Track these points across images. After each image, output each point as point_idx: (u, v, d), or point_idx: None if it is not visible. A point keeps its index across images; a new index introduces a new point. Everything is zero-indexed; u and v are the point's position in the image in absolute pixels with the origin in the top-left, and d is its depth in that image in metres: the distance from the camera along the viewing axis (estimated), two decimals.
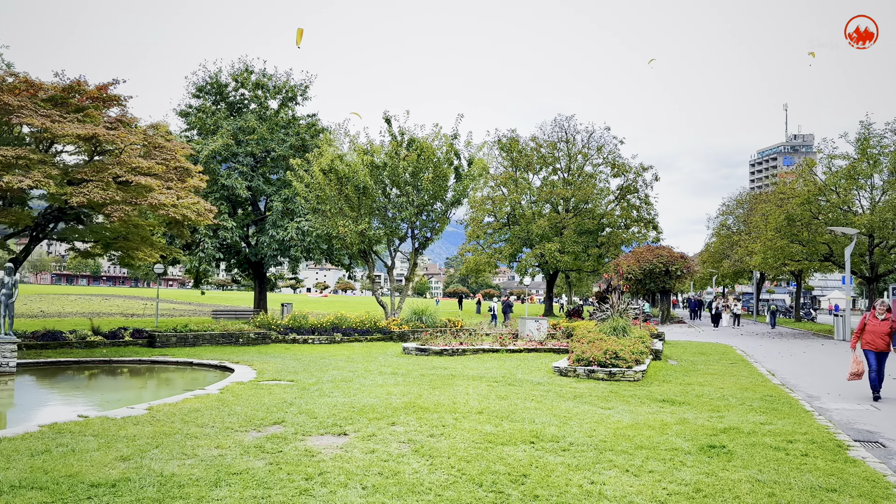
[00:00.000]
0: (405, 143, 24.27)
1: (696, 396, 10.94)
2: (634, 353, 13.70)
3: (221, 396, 9.81)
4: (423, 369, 13.54)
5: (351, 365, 14.18)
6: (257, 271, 32.18)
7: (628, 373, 12.48)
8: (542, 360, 15.68)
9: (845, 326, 26.65)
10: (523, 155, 56.07)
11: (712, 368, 15.39)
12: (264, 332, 19.16)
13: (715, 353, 19.71)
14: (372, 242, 24.20)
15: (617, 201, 55.97)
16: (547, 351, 17.71)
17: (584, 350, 13.36)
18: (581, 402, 10.06)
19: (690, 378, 13.31)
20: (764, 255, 30.01)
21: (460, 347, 16.48)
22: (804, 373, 15.53)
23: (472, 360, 15.37)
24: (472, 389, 10.83)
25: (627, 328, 16.24)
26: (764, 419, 9.15)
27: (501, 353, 16.87)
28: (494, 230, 57.23)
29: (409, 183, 23.98)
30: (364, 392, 10.41)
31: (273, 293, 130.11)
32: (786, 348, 23.00)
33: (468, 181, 24.29)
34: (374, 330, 21.34)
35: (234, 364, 14.39)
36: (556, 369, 13.01)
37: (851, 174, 28.60)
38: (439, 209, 25.14)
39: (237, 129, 30.35)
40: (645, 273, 41.49)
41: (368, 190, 22.93)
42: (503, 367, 14.05)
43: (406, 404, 9.29)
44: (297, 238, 28.29)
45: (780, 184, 32.44)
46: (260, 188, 30.50)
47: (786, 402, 10.68)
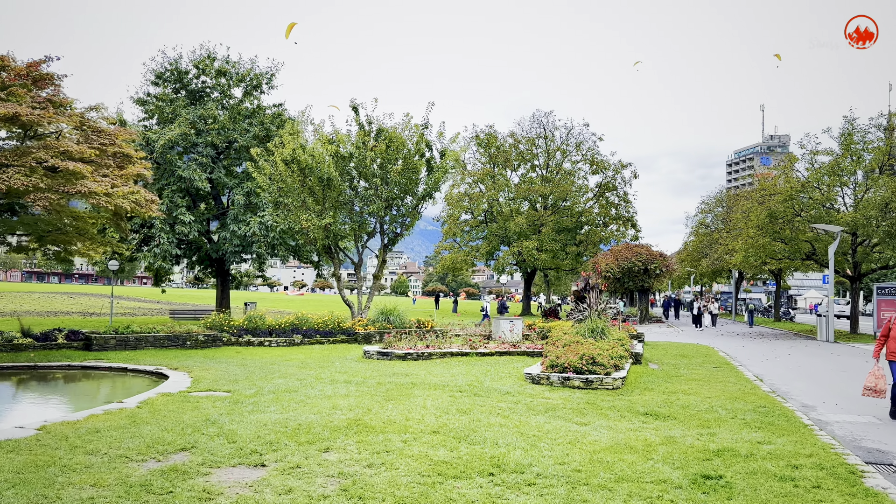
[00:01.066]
0: (373, 132, 22.90)
1: (682, 408, 9.77)
2: (613, 357, 12.53)
3: (136, 413, 8.40)
4: (381, 376, 12.22)
5: (302, 371, 12.81)
6: (219, 269, 30.57)
7: (607, 380, 11.29)
8: (514, 365, 14.45)
9: (828, 327, 25.85)
10: (501, 151, 54.97)
11: (696, 373, 14.29)
12: (215, 335, 17.67)
13: (697, 356, 18.66)
14: (337, 238, 22.78)
15: (595, 199, 55.09)
16: (520, 354, 16.49)
17: (559, 355, 12.14)
18: (554, 416, 8.82)
19: (674, 385, 12.17)
20: (745, 254, 29.14)
21: (426, 351, 15.18)
22: (793, 378, 14.49)
23: (437, 366, 14.08)
24: (432, 401, 9.53)
25: (606, 329, 15.07)
26: (761, 437, 7.99)
27: (471, 357, 15.61)
28: (472, 227, 56.04)
29: (377, 175, 22.61)
30: (306, 406, 9.06)
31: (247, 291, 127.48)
32: (769, 350, 22.07)
33: (440, 174, 22.98)
34: (338, 331, 19.94)
35: (172, 370, 12.95)
36: (528, 376, 11.78)
37: (835, 170, 27.81)
38: (410, 203, 23.80)
39: (197, 118, 28.72)
40: (624, 272, 40.57)
41: (333, 182, 21.51)
42: (471, 374, 12.78)
43: (350, 422, 7.96)
44: (260, 234, 26.74)
45: (761, 180, 31.64)
46: (222, 181, 28.90)
47: (781, 414, 9.56)
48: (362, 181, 23.57)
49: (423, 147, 23.26)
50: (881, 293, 26.17)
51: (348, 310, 23.95)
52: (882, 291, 26.17)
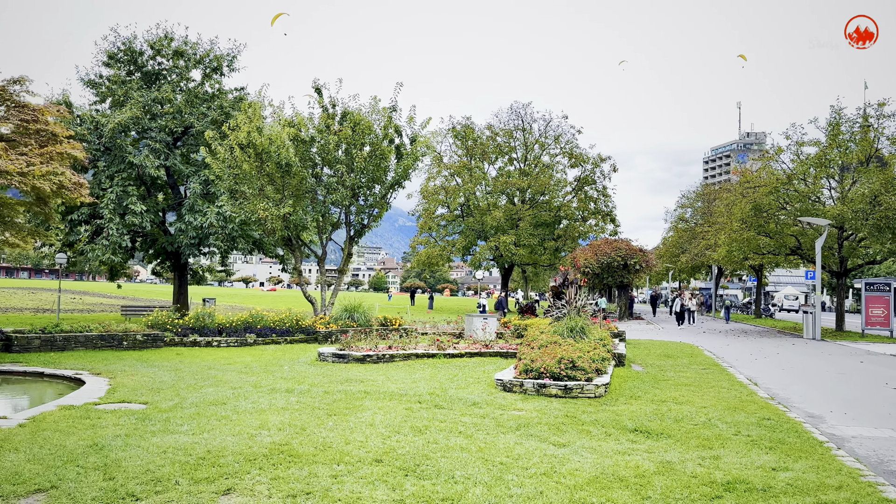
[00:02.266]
0: (338, 116, 21.29)
1: (676, 421, 8.40)
2: (595, 360, 11.13)
3: (11, 434, 6.78)
4: (331, 383, 10.68)
5: (242, 377, 11.22)
6: (176, 263, 28.71)
7: (588, 387, 9.88)
8: (485, 368, 13.00)
9: (815, 325, 24.84)
10: (478, 144, 53.59)
11: (684, 376, 12.98)
12: (156, 334, 15.94)
13: (682, 356, 17.42)
14: (298, 229, 21.14)
15: (574, 193, 53.94)
16: (493, 355, 15.06)
17: (535, 358, 10.71)
18: (527, 434, 7.37)
19: (663, 391, 10.81)
20: (729, 248, 28.05)
21: (388, 352, 13.66)
22: (790, 381, 13.25)
23: (399, 369, 12.58)
24: (383, 416, 8.03)
25: (586, 328, 13.69)
26: (774, 461, 6.62)
27: (438, 359, 14.12)
28: (448, 222, 54.60)
29: (341, 162, 21.00)
30: (229, 424, 7.51)
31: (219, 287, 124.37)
32: (756, 349, 20.93)
33: (410, 161, 21.43)
34: (296, 330, 18.33)
35: (95, 376, 11.28)
36: (500, 383, 10.33)
37: (822, 161, 26.82)
38: (378, 193, 22.22)
39: (151, 101, 26.80)
40: (603, 267, 39.43)
41: (293, 168, 19.85)
42: (435, 379, 11.30)
43: (274, 447, 6.42)
44: (218, 225, 24.94)
45: (745, 173, 30.61)
46: (178, 168, 27.01)
47: (790, 428, 8.23)
48: (326, 168, 21.96)
49: (392, 132, 21.72)
50: (869, 289, 25.23)
51: (313, 307, 22.31)
52: (871, 287, 25.24)
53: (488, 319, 20.28)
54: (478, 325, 18.64)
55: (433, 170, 54.34)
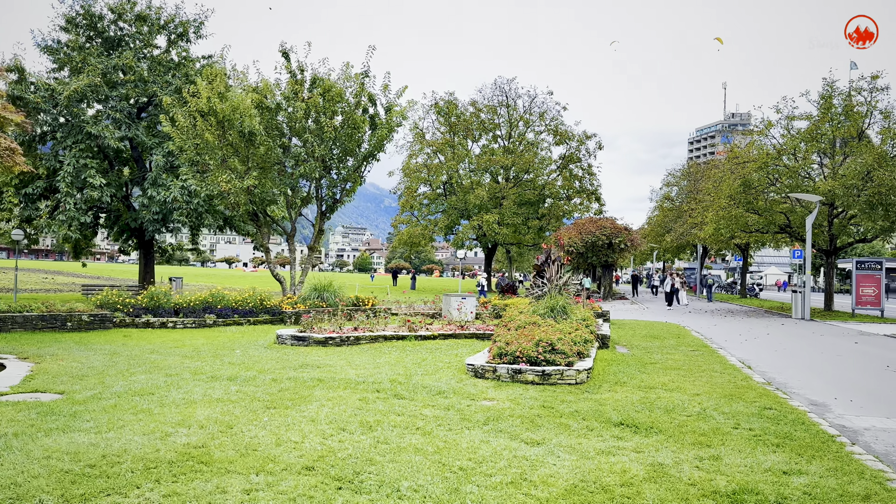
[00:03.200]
0: (307, 82, 19.94)
1: (667, 412, 7.40)
2: (576, 342, 10.12)
3: None
4: (284, 369, 9.56)
5: (185, 363, 10.06)
6: (141, 239, 27.31)
7: (569, 373, 8.85)
8: (458, 351, 11.95)
9: (804, 304, 24.08)
10: (462, 120, 52.25)
11: (673, 359, 12.03)
12: (105, 314, 14.70)
13: (669, 336, 16.51)
14: (264, 203, 19.87)
15: (559, 171, 52.87)
16: (469, 336, 14.02)
17: (510, 340, 9.65)
18: (496, 429, 6.32)
19: (651, 376, 9.83)
20: (717, 225, 27.15)
21: (353, 335, 12.54)
22: (785, 364, 12.34)
23: (363, 353, 11.48)
24: (330, 410, 6.94)
25: (567, 308, 12.67)
26: (784, 462, 5.63)
27: (408, 342, 13.04)
28: (430, 200, 53.36)
29: (311, 131, 19.70)
30: (146, 419, 6.37)
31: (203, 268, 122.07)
32: (745, 329, 20.09)
33: (384, 131, 20.15)
34: (261, 310, 17.15)
35: (21, 360, 10.10)
36: (471, 368, 9.27)
37: (813, 136, 25.89)
38: (351, 165, 20.95)
39: (110, 68, 25.21)
40: (587, 246, 38.53)
41: (257, 137, 18.52)
42: (401, 364, 10.23)
43: (186, 451, 5.31)
44: (182, 200, 23.56)
45: (734, 148, 29.65)
46: (141, 140, 25.50)
47: (795, 420, 7.26)
48: (295, 139, 20.66)
49: (366, 101, 20.42)
50: (861, 268, 24.48)
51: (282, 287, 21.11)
52: (862, 266, 24.49)
53: (466, 299, 19.26)
54: (454, 305, 17.60)
55: (415, 147, 53.03)
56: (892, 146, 25.12)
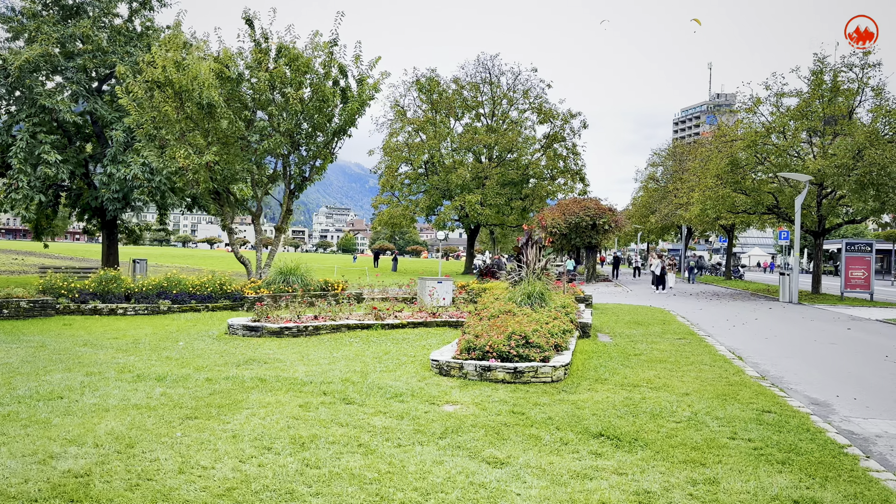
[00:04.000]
0: (272, 51, 18.65)
1: (653, 417, 6.48)
2: (554, 333, 9.17)
3: None
4: (224, 366, 8.52)
5: (117, 358, 8.99)
6: (104, 219, 25.94)
7: (544, 370, 7.90)
8: (427, 342, 10.97)
9: (792, 287, 23.39)
10: (444, 97, 50.91)
11: (659, 349, 11.16)
12: (47, 301, 13.54)
13: (654, 322, 15.69)
14: (227, 180, 18.65)
15: (543, 150, 51.83)
16: (441, 325, 13.05)
17: (480, 332, 8.68)
18: (454, 445, 5.35)
19: (635, 371, 8.92)
20: (703, 206, 26.32)
21: (313, 324, 11.50)
22: (777, 354, 11.52)
23: (320, 346, 10.46)
24: (261, 420, 5.92)
25: (546, 294, 11.72)
26: (793, 485, 4.71)
27: (374, 331, 12.03)
28: (412, 180, 52.15)
29: (276, 104, 18.45)
30: (35, 435, 5.32)
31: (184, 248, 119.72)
32: (732, 313, 19.34)
33: (355, 104, 18.93)
34: (220, 295, 16.03)
35: None
36: (435, 364, 8.28)
37: (804, 113, 25.04)
38: (321, 141, 19.74)
39: (66, 37, 23.66)
40: (570, 227, 37.60)
41: (217, 110, 17.24)
42: (359, 359, 9.23)
43: (63, 480, 4.27)
44: (143, 177, 22.23)
45: (721, 126, 28.77)
46: (101, 114, 24.06)
47: (798, 425, 6.37)
48: (260, 112, 19.39)
49: (336, 72, 19.17)
50: (850, 249, 23.80)
51: (247, 270, 19.98)
52: (851, 248, 23.80)
53: (442, 283, 18.29)
54: (428, 290, 16.61)
55: (396, 125, 51.70)
56: (884, 124, 24.36)
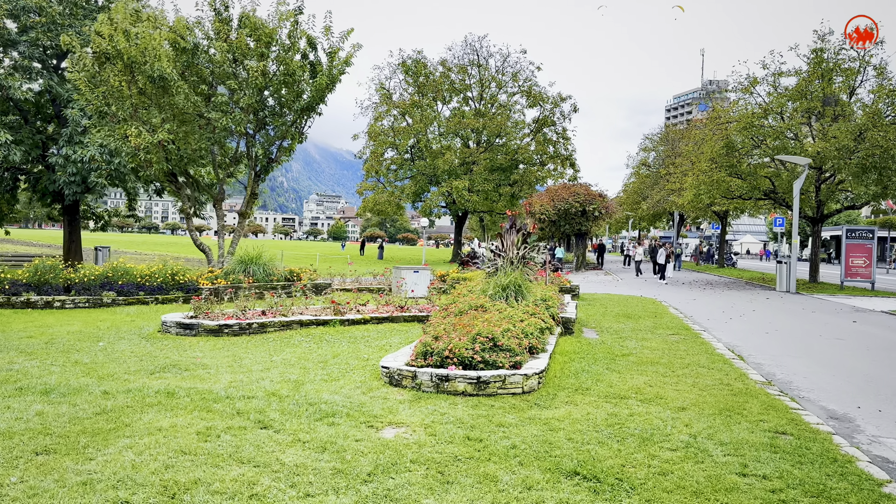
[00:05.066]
0: (233, 21, 17.17)
1: (642, 443, 5.22)
2: (529, 333, 7.89)
3: None
4: (134, 374, 7.18)
5: (17, 361, 7.62)
6: (64, 204, 24.43)
7: (513, 379, 6.61)
8: (389, 341, 9.69)
9: (790, 276, 22.25)
10: (431, 81, 49.36)
11: (650, 347, 9.93)
12: None
13: (644, 315, 14.48)
14: (184, 161, 17.21)
15: (532, 135, 50.46)
16: (409, 320, 11.75)
17: (440, 333, 7.38)
18: (379, 495, 4.05)
19: (622, 376, 7.67)
20: (697, 191, 25.08)
21: (259, 320, 10.15)
22: (781, 351, 10.31)
23: (261, 346, 9.15)
24: (136, 455, 4.59)
25: (524, 286, 10.43)
26: None
27: (331, 328, 10.72)
28: (398, 166, 50.68)
29: (236, 77, 16.98)
30: None
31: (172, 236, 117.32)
32: (727, 304, 18.16)
33: (325, 79, 17.49)
34: (172, 286, 14.66)
35: None
36: (385, 372, 6.97)
37: (803, 93, 23.77)
38: (288, 119, 18.30)
39: (19, 9, 22.04)
40: (559, 213, 36.34)
41: (170, 83, 15.77)
42: (300, 364, 7.91)
43: None
44: (102, 159, 20.73)
45: (716, 107, 27.49)
46: (57, 92, 22.48)
47: (822, 452, 5.13)
48: (222, 88, 17.93)
49: (304, 44, 17.72)
50: (851, 236, 22.65)
51: (207, 258, 18.59)
52: (852, 235, 22.65)
53: (419, 272, 17.03)
54: (403, 279, 15.32)
55: (381, 108, 50.17)
56: (886, 105, 23.15)
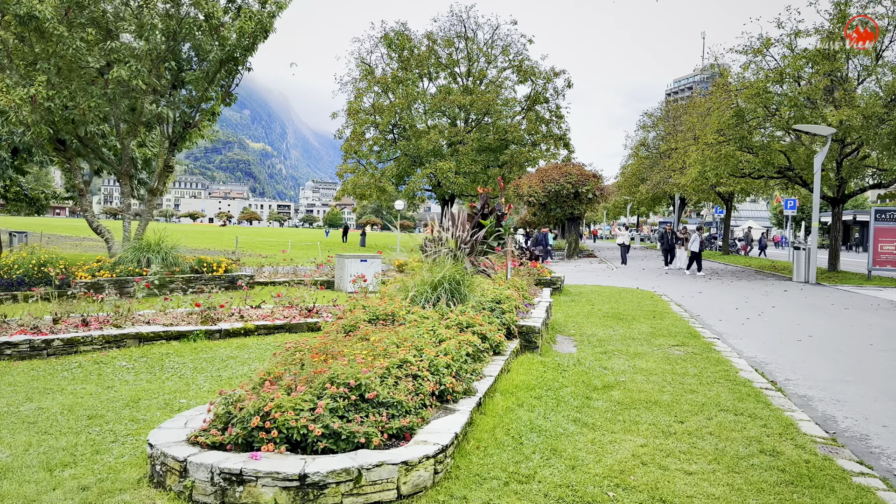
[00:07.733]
0: None
1: None
2: (446, 365, 4.75)
3: None
4: None
5: None
6: None
7: (379, 474, 3.46)
8: (249, 368, 6.55)
9: (809, 265, 19.12)
10: (415, 55, 45.98)
11: (645, 370, 6.83)
12: None
13: (640, 315, 11.38)
14: (74, 122, 13.96)
15: (523, 113, 47.13)
16: (315, 329, 8.61)
17: (264, 376, 4.20)
18: None
19: (597, 438, 4.54)
20: (702, 168, 21.85)
21: (70, 335, 6.85)
22: (832, 374, 7.19)
23: (26, 383, 6.01)
24: None
25: (464, 285, 7.29)
26: None
27: (188, 343, 7.52)
28: (380, 146, 47.38)
29: (137, 18, 13.72)
30: None
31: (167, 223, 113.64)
32: (740, 299, 15.01)
33: (248, 23, 14.21)
34: (38, 280, 11.51)
35: None
36: (151, 457, 3.79)
37: (824, 54, 20.50)
38: (206, 69, 14.99)
39: None
40: (550, 196, 33.07)
41: (45, 28, 12.50)
42: (38, 427, 4.77)
43: None
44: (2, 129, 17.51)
45: (724, 72, 24.23)
46: None
47: None
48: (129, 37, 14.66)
49: None
50: (880, 219, 19.49)
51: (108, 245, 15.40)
52: (882, 217, 19.49)
53: (366, 262, 13.93)
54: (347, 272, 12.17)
55: (361, 84, 46.76)
56: None
